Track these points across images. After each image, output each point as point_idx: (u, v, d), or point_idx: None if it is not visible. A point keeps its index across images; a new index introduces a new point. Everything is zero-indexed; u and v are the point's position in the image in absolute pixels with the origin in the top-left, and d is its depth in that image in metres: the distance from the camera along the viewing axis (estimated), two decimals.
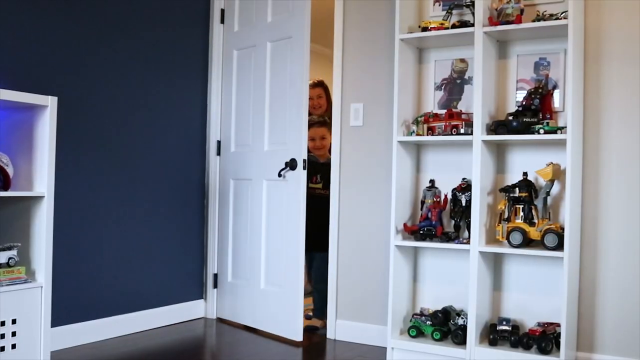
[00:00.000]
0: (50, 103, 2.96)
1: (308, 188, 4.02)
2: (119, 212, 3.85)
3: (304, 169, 3.76)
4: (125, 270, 3.90)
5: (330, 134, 4.18)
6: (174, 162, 4.21)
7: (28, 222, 3.00)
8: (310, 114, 4.43)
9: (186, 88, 4.30)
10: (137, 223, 3.97)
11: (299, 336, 3.77)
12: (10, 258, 2.87)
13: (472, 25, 3.25)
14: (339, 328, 3.91)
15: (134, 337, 3.83)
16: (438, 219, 3.39)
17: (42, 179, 2.97)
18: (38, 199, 2.97)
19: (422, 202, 3.50)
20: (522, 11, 3.15)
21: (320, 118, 4.37)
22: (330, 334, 3.93)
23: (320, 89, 5.04)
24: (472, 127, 3.23)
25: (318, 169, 4.27)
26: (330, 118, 5.01)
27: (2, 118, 3.08)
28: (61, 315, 3.45)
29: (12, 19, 3.27)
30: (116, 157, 3.82)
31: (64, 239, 3.44)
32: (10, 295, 2.82)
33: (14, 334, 2.84)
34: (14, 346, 2.84)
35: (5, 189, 2.91)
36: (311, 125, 4.20)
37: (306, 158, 3.78)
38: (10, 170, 2.92)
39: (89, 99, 3.65)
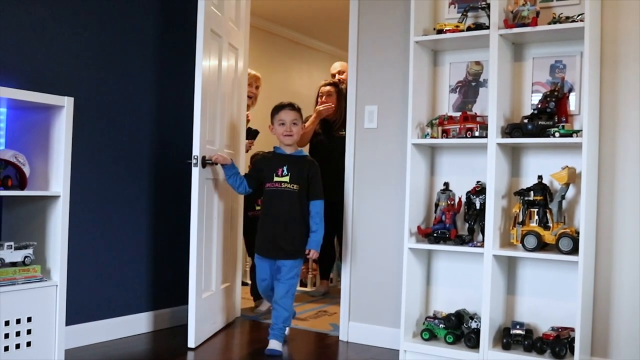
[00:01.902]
0: (66, 103, 2.99)
1: (273, 182, 3.68)
2: (132, 213, 3.87)
3: (195, 165, 3.56)
4: (138, 271, 3.93)
5: (302, 124, 3.98)
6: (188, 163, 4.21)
7: (43, 222, 3.03)
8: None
9: None
10: (150, 224, 3.99)
11: (190, 342, 3.58)
12: (26, 257, 2.90)
13: (488, 27, 3.24)
14: (352, 330, 3.90)
15: (147, 337, 3.86)
16: (452, 222, 3.38)
17: (57, 178, 3.00)
18: (54, 198, 3.00)
19: (436, 205, 3.49)
20: (538, 14, 3.14)
21: (295, 105, 3.85)
22: (342, 336, 3.93)
23: (331, 87, 5.08)
24: (486, 130, 3.22)
25: (284, 161, 3.74)
26: (339, 119, 5.02)
27: (19, 118, 3.12)
28: (76, 313, 3.46)
29: (29, 21, 3.31)
30: (131, 158, 3.85)
31: (78, 238, 3.46)
32: (26, 293, 2.86)
33: (29, 331, 2.87)
34: (29, 344, 2.87)
35: (22, 188, 2.94)
36: (282, 107, 3.79)
37: (198, 154, 3.56)
38: (26, 170, 2.95)
39: (104, 100, 3.68)
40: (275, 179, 3.69)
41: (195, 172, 3.57)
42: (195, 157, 3.57)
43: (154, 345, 3.73)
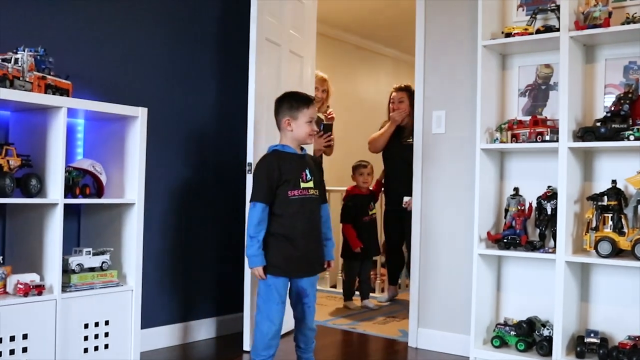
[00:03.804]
0: (140, 114, 3.09)
1: (300, 189, 3.00)
2: (196, 220, 3.94)
3: (249, 172, 3.57)
4: (211, 274, 4.01)
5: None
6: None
7: (119, 228, 3.14)
8: None
9: None
10: (214, 230, 4.05)
11: (245, 345, 3.63)
12: (103, 262, 3.01)
13: (558, 30, 3.18)
14: (421, 336, 3.88)
15: (219, 340, 3.93)
16: (522, 228, 3.33)
17: (132, 186, 3.10)
18: (129, 205, 3.10)
19: (506, 210, 3.44)
20: (610, 14, 3.06)
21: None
22: (411, 342, 3.91)
23: (403, 93, 5.01)
24: (557, 134, 3.16)
25: (303, 163, 3.09)
26: (410, 125, 4.98)
27: (96, 128, 3.24)
28: (151, 317, 3.56)
29: (105, 37, 3.43)
30: (195, 166, 3.92)
31: (152, 244, 3.56)
32: (104, 297, 2.96)
33: (106, 334, 2.97)
34: (106, 346, 2.98)
35: (99, 196, 3.05)
36: (308, 100, 3.11)
37: (251, 161, 3.56)
38: (103, 178, 3.06)
39: (170, 109, 3.77)
40: (302, 185, 3.02)
41: (249, 179, 3.60)
42: (249, 164, 3.61)
43: (218, 349, 3.79)
